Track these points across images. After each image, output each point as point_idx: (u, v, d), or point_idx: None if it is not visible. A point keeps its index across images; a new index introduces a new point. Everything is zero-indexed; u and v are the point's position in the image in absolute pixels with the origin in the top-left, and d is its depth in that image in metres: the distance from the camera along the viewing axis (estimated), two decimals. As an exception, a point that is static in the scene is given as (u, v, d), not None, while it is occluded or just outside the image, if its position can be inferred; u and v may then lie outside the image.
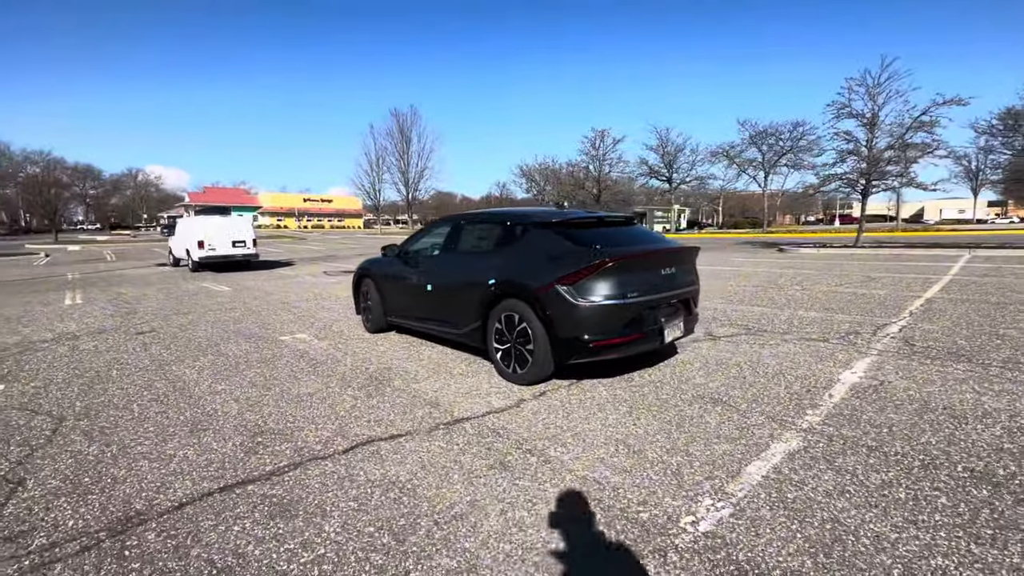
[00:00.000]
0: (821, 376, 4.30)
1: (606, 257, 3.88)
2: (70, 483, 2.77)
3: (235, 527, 2.31)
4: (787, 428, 3.26)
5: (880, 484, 2.55)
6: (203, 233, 16.83)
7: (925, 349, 5.01)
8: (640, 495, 2.51)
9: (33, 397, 4.25)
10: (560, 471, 2.78)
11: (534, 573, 1.97)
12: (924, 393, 3.82)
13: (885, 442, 3.02)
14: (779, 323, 6.49)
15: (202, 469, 2.89)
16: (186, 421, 3.64)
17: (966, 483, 2.54)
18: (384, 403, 3.93)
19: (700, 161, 44.49)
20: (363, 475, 2.78)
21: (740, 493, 2.50)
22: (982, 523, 2.21)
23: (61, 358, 5.52)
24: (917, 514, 2.29)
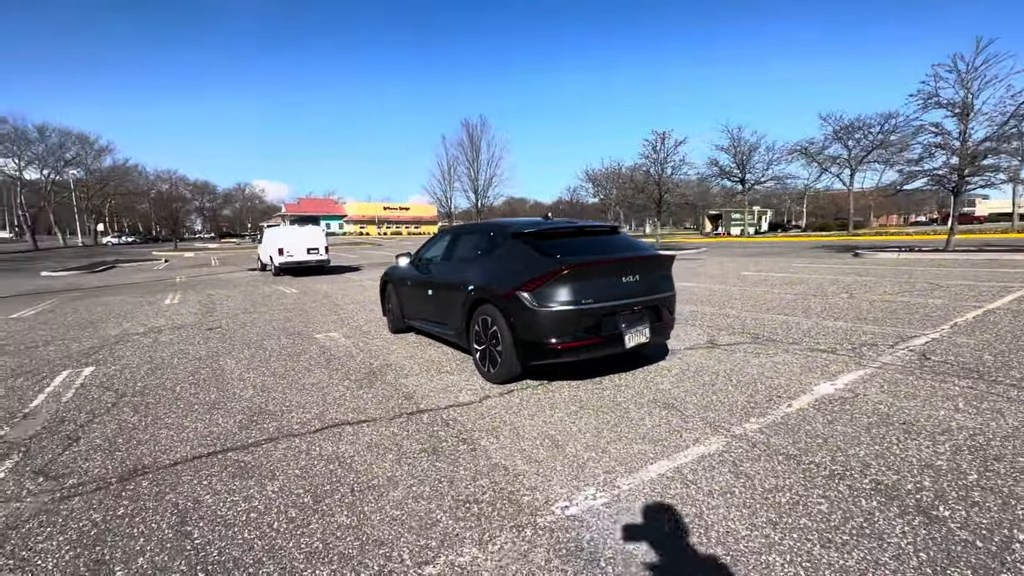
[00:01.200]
0: (794, 387, 4.22)
1: (562, 265, 4.13)
2: (108, 442, 3.57)
3: (204, 482, 2.92)
4: (718, 433, 3.34)
5: (769, 489, 2.62)
6: (282, 241, 18.82)
7: (937, 364, 4.67)
8: (534, 482, 2.79)
9: (110, 377, 5.30)
10: (479, 458, 3.12)
11: (403, 532, 2.35)
12: (894, 408, 3.66)
13: (808, 452, 3.03)
14: (795, 333, 6.25)
15: (202, 439, 3.58)
16: (208, 401, 4.41)
17: (860, 494, 2.54)
18: (368, 394, 4.47)
19: (776, 160, 41.53)
20: (318, 450, 3.30)
21: (626, 487, 2.70)
22: (844, 530, 2.25)
23: (142, 348, 6.71)
24: (783, 516, 2.37)
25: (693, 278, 12.88)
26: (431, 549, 2.22)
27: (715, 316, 7.57)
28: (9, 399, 4.64)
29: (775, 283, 11.15)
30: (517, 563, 2.11)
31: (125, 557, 2.24)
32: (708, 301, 9.05)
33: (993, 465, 2.77)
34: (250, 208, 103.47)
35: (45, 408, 4.36)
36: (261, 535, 2.37)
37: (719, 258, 20.25)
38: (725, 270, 14.78)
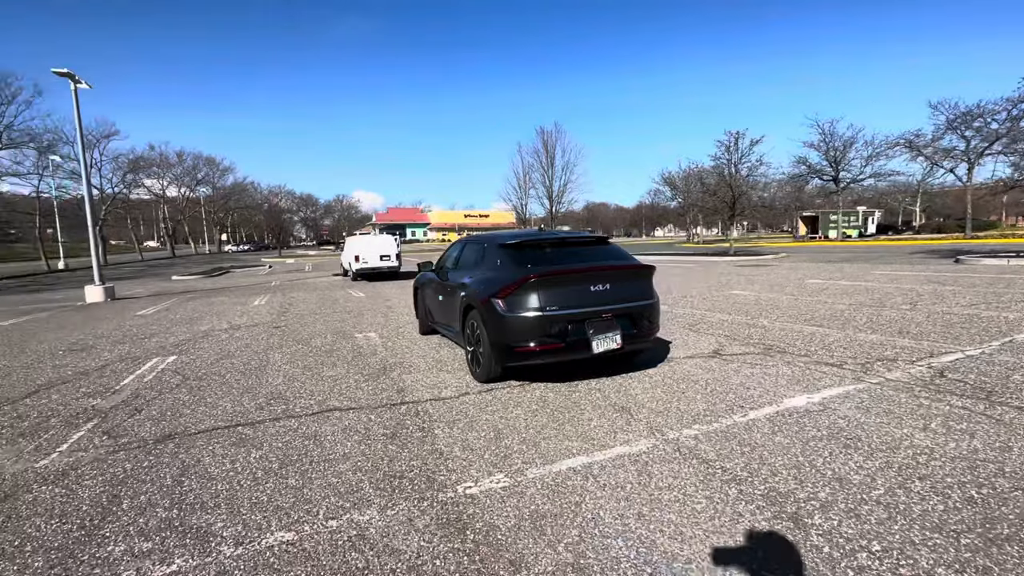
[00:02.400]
0: (765, 398, 4.18)
1: (529, 275, 4.47)
2: (159, 414, 4.51)
3: (209, 448, 3.67)
4: (651, 437, 3.50)
5: (661, 487, 2.79)
6: (358, 249, 20.66)
7: (949, 382, 4.34)
8: (457, 465, 3.19)
9: (184, 365, 6.46)
10: (425, 443, 3.57)
11: (330, 495, 2.86)
12: (852, 423, 3.55)
13: (725, 458, 3.11)
14: (814, 345, 5.97)
15: (226, 415, 4.39)
16: (244, 386, 5.30)
17: (744, 497, 2.63)
18: (369, 386, 5.10)
19: (877, 155, 37.22)
20: (303, 430, 3.95)
21: (531, 475, 3.00)
22: (703, 525, 2.40)
23: (219, 342, 7.99)
24: (654, 511, 2.55)
25: (747, 286, 12.30)
26: (343, 509, 2.71)
27: (740, 326, 7.35)
28: (109, 379, 5.88)
29: (836, 292, 10.37)
30: (402, 525, 2.53)
31: (132, 494, 2.98)
32: (744, 311, 8.73)
33: (912, 483, 2.70)
34: (347, 218, 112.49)
35: (130, 386, 5.51)
36: (228, 487, 3.01)
37: (793, 264, 18.88)
38: (788, 278, 13.87)
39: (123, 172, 48.71)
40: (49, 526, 2.67)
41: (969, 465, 2.87)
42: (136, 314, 12.19)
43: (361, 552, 2.31)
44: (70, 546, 2.47)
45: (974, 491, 2.59)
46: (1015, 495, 2.54)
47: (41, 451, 3.73)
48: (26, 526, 2.68)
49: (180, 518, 2.69)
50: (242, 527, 2.57)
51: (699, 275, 16.12)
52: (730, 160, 24.26)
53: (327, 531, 2.50)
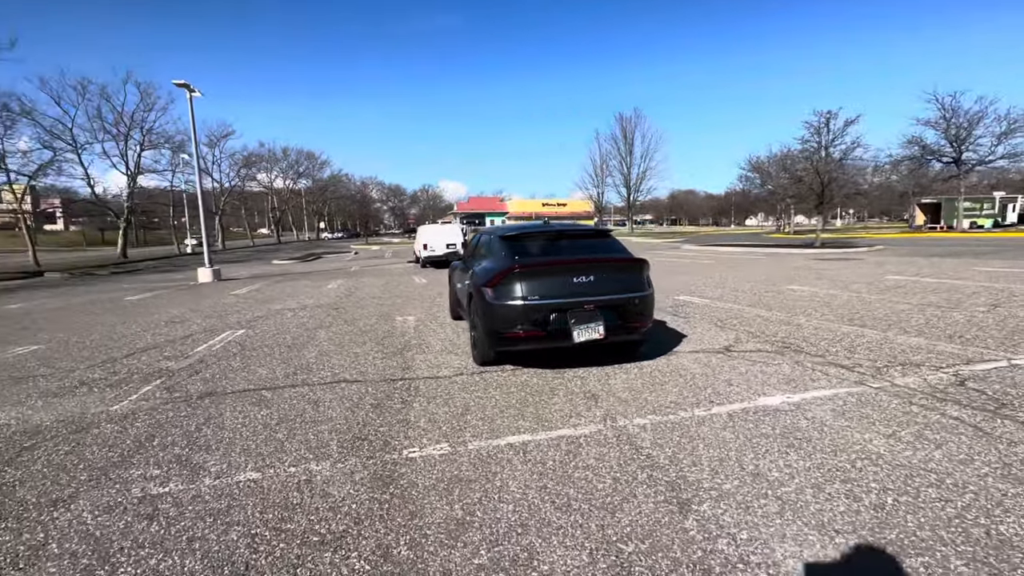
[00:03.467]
0: (740, 395, 4.13)
1: (515, 265, 4.73)
2: (210, 376, 5.41)
3: (233, 405, 4.41)
4: (602, 423, 3.66)
5: (579, 467, 2.99)
6: (427, 238, 21.86)
7: (965, 391, 3.99)
8: (414, 434, 3.60)
9: (248, 338, 7.53)
10: (400, 414, 4.02)
11: (301, 448, 3.41)
12: (813, 426, 3.45)
13: (658, 446, 3.21)
14: (838, 345, 5.62)
15: (258, 380, 5.18)
16: (284, 358, 6.13)
17: (639, 482, 2.77)
18: (382, 363, 5.68)
19: (1014, 130, 31.42)
20: (310, 395, 4.58)
21: (471, 447, 3.33)
22: (594, 502, 2.60)
23: (283, 319, 9.11)
24: (559, 486, 2.78)
25: (811, 282, 11.45)
26: (305, 460, 3.24)
27: (772, 323, 7.02)
28: (187, 346, 7.05)
29: (911, 290, 9.38)
30: (344, 476, 2.99)
31: (163, 435, 3.75)
32: (788, 307, 8.25)
33: (830, 486, 2.67)
34: (432, 207, 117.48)
35: (200, 353, 6.59)
36: (231, 436, 3.68)
37: (882, 259, 17.01)
38: (865, 273, 12.63)
39: (238, 167, 54.98)
40: (99, 452, 3.48)
41: (908, 474, 2.75)
42: (231, 293, 14.05)
43: (301, 493, 2.81)
44: (106, 467, 3.24)
45: (891, 498, 2.52)
46: (936, 505, 2.44)
47: (117, 399, 4.72)
48: (85, 451, 3.52)
49: (187, 455, 3.38)
50: (226, 466, 3.19)
51: (764, 268, 15.13)
52: (820, 143, 22.14)
53: (285, 475, 3.03)
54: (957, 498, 2.50)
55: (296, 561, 2.21)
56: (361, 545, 2.30)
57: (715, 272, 14.62)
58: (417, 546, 2.28)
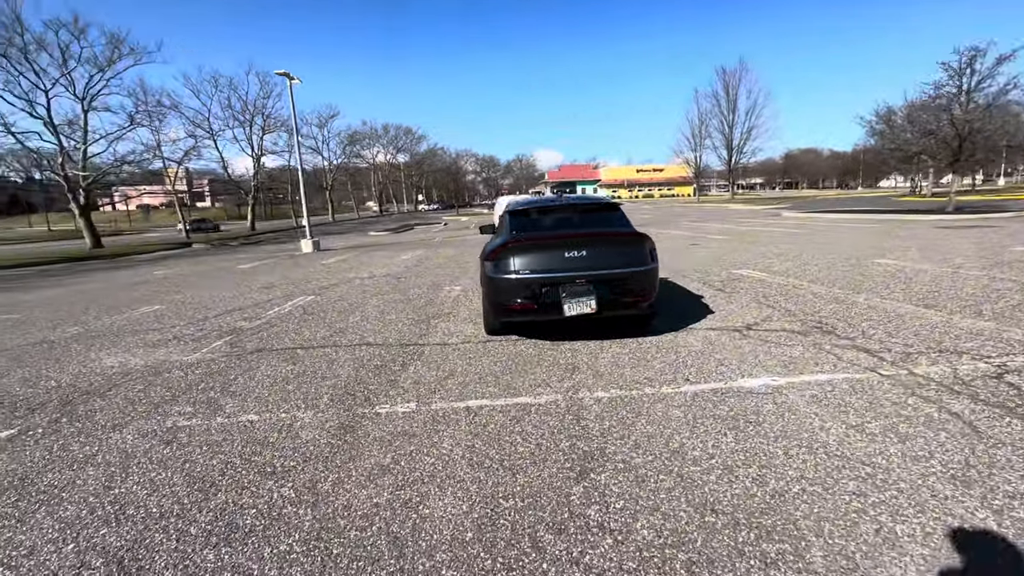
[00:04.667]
0: (725, 375, 4.00)
1: (509, 240, 4.90)
2: (267, 336, 6.35)
3: (273, 361, 5.20)
4: (562, 393, 3.81)
5: (516, 432, 3.22)
6: (501, 208, 22.31)
7: (987, 385, 3.52)
8: (397, 393, 4.04)
9: (312, 303, 8.55)
10: (393, 375, 4.48)
11: (297, 397, 4.01)
12: (780, 410, 3.30)
13: (598, 418, 3.31)
14: (878, 328, 5.09)
15: (300, 340, 5.99)
16: (330, 322, 6.94)
17: (558, 452, 2.91)
18: (408, 329, 6.22)
19: None
20: (332, 356, 5.24)
21: (435, 407, 3.69)
22: (505, 465, 2.83)
23: (350, 288, 10.14)
24: (485, 445, 3.04)
25: (909, 254, 10.03)
26: (296, 408, 3.82)
27: (820, 300, 6.45)
28: (263, 309, 8.22)
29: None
30: (318, 423, 3.52)
31: (208, 382, 4.59)
32: (855, 284, 7.43)
33: (743, 469, 2.62)
34: (525, 176, 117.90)
35: (270, 316, 7.67)
36: (255, 385, 4.41)
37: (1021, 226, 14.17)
38: (989, 244, 10.73)
39: (343, 145, 59.62)
40: (160, 392, 4.40)
41: (838, 466, 2.60)
42: (320, 263, 15.72)
43: (278, 434, 3.38)
44: (160, 404, 4.10)
45: (798, 487, 2.43)
46: (843, 498, 2.32)
47: (194, 351, 5.77)
48: (151, 390, 4.46)
49: (216, 398, 4.15)
50: (238, 408, 3.89)
51: (861, 238, 13.41)
52: (960, 88, 18.57)
53: (275, 419, 3.64)
54: (873, 493, 2.34)
55: (246, 484, 2.75)
56: (297, 478, 2.79)
57: (799, 243, 13.30)
58: (338, 483, 2.71)
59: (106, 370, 5.14)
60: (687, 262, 10.92)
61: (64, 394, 4.46)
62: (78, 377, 4.94)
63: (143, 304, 9.40)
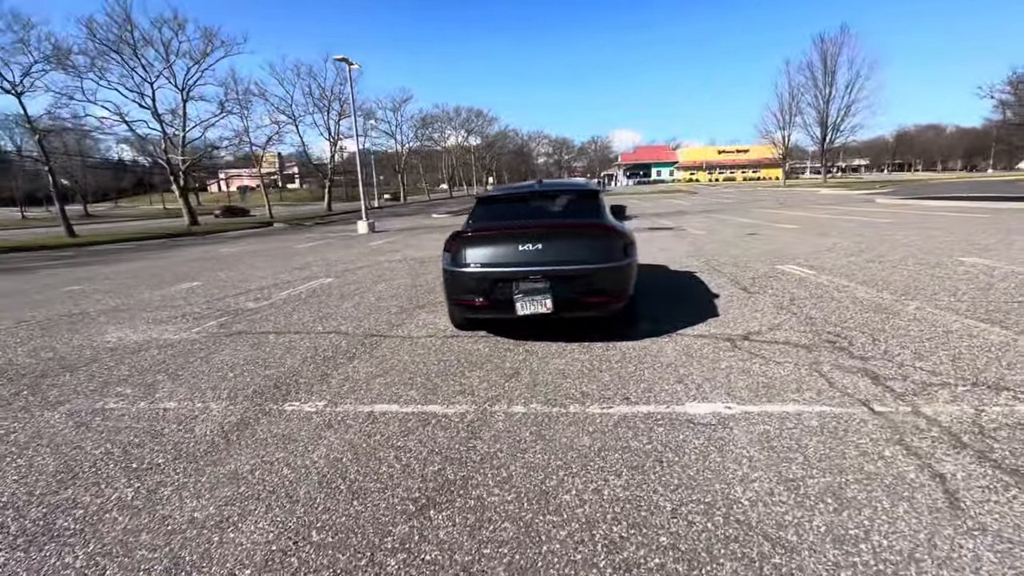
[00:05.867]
0: (668, 397, 3.41)
1: (466, 231, 4.51)
2: (260, 316, 6.49)
3: (240, 345, 5.27)
4: (479, 405, 3.43)
5: (398, 435, 2.91)
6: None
7: (1014, 436, 2.66)
8: (318, 389, 3.87)
9: (324, 286, 8.71)
10: (331, 368, 4.32)
11: (248, 379, 3.97)
12: (706, 448, 2.70)
13: (496, 436, 2.91)
14: (911, 347, 4.15)
15: (282, 325, 6.04)
16: (324, 306, 6.98)
17: (432, 460, 2.56)
18: (386, 319, 6.07)
19: None
20: (296, 342, 5.19)
21: (341, 408, 3.47)
22: (355, 484, 2.54)
23: (368, 272, 10.24)
24: (366, 448, 2.77)
25: (1008, 253, 8.30)
26: (218, 398, 3.77)
27: (858, 307, 5.45)
28: (278, 291, 8.50)
29: None
30: (221, 416, 3.43)
31: (171, 362, 4.72)
32: (916, 287, 6.24)
33: (600, 523, 2.12)
34: (600, 158, 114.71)
35: (279, 297, 7.90)
36: (206, 368, 4.45)
37: None
38: None
39: (415, 128, 61.17)
40: (125, 370, 4.58)
41: (733, 536, 2.02)
42: (368, 244, 16.18)
43: (178, 424, 3.33)
44: (115, 382, 4.26)
45: (655, 561, 1.91)
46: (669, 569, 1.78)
47: (186, 330, 6.03)
48: (121, 367, 4.65)
49: (159, 382, 4.23)
50: (167, 393, 3.92)
51: (959, 229, 11.33)
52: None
53: (188, 408, 3.60)
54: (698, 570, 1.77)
55: (102, 480, 2.70)
56: (148, 480, 2.68)
57: (877, 234, 11.54)
58: (179, 489, 2.57)
59: (100, 345, 5.49)
60: (730, 254, 9.85)
61: (48, 367, 4.79)
62: (74, 351, 5.31)
63: (186, 281, 10.13)
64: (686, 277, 7.85)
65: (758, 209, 23.41)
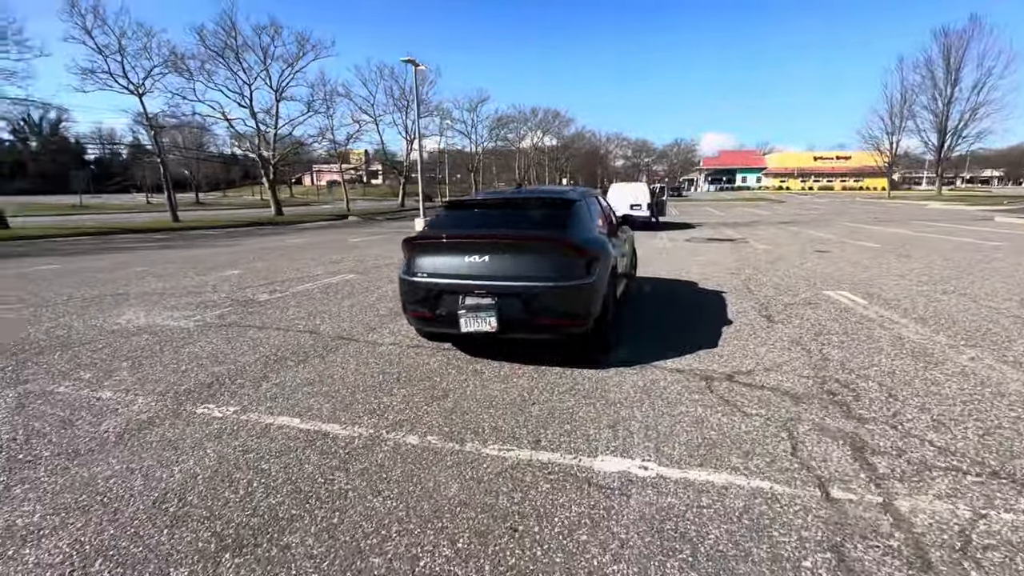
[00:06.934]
0: (579, 446, 2.92)
1: (417, 238, 4.24)
2: (260, 309, 6.68)
3: (217, 337, 5.41)
4: (373, 428, 3.15)
5: (264, 451, 2.71)
6: (611, 196, 20.91)
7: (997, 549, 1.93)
8: (245, 392, 3.80)
9: (343, 283, 8.85)
10: (275, 371, 4.25)
11: (168, 385, 4.02)
12: (568, 531, 2.22)
13: (352, 456, 2.61)
14: (942, 411, 3.32)
15: (271, 320, 6.14)
16: (324, 303, 7.04)
17: (260, 487, 2.32)
18: (364, 322, 5.97)
19: None
20: (270, 338, 5.22)
21: (247, 416, 3.35)
22: (186, 508, 2.37)
23: (388, 271, 10.31)
24: (243, 462, 2.61)
25: None
26: (152, 388, 3.82)
27: (895, 350, 4.55)
28: (296, 284, 8.76)
29: None
30: (135, 412, 3.44)
31: (154, 349, 4.92)
32: (978, 332, 5.10)
33: None
34: (681, 162, 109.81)
35: (292, 291, 8.12)
36: (172, 358, 4.57)
37: None
38: None
39: (490, 128, 62.02)
40: (99, 355, 4.82)
41: None
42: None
43: (97, 416, 3.38)
44: (81, 365, 4.49)
45: None
46: None
47: (191, 318, 6.32)
48: (98, 352, 4.93)
49: (118, 368, 4.39)
50: (117, 381, 4.03)
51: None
52: None
53: (117, 400, 3.67)
54: None
55: (8, 460, 2.76)
56: (42, 465, 2.71)
57: (971, 260, 9.78)
58: (53, 473, 2.59)
59: (108, 327, 5.88)
60: (779, 273, 8.79)
61: (50, 345, 5.18)
62: (86, 331, 5.72)
63: (232, 268, 10.79)
64: (710, 297, 7.06)
65: (844, 223, 21.00)
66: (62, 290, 8.29)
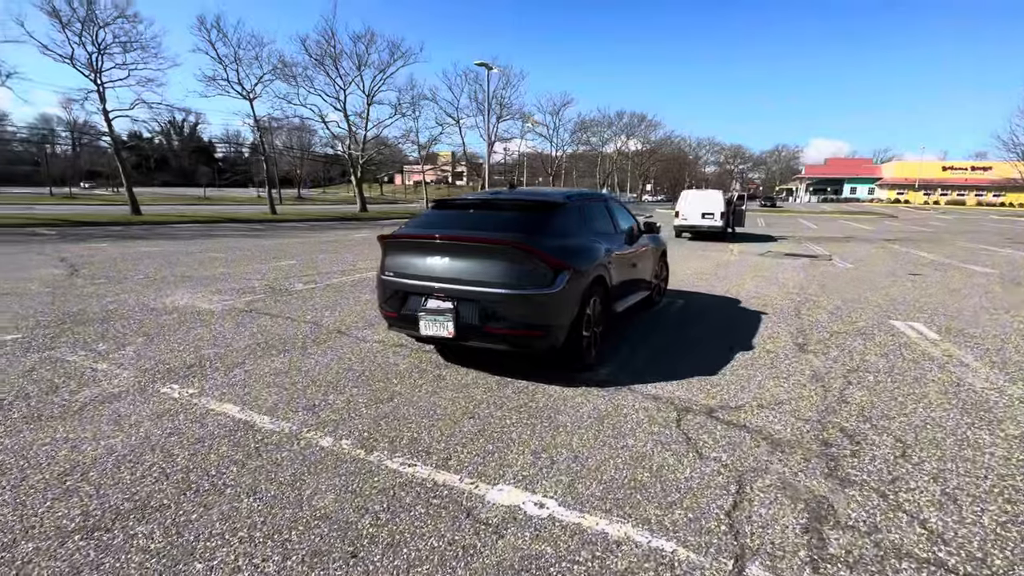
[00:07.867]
0: (496, 472, 2.65)
1: (389, 235, 4.18)
2: (285, 299, 7.04)
3: (232, 323, 5.75)
4: (290, 423, 3.11)
5: (193, 447, 2.78)
6: (681, 205, 19.77)
7: None
8: (213, 376, 3.96)
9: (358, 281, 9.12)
10: (255, 360, 4.40)
11: (161, 363, 4.31)
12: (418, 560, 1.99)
13: (232, 455, 2.57)
14: (960, 476, 2.65)
15: (289, 310, 6.44)
16: (343, 298, 7.28)
17: (140, 496, 2.35)
18: (370, 318, 6.06)
19: None
20: (271, 326, 5.47)
21: (203, 401, 3.48)
22: (82, 483, 2.46)
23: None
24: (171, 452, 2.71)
25: None
26: (145, 371, 4.11)
27: (932, 396, 3.74)
28: (333, 277, 9.16)
29: None
30: (134, 397, 3.72)
31: (172, 329, 5.35)
32: None
33: None
34: (780, 170, 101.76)
35: (325, 283, 8.50)
36: (165, 340, 4.93)
37: None
38: None
39: (572, 132, 61.49)
40: (121, 329, 5.31)
41: None
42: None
43: (74, 380, 3.69)
44: (100, 338, 4.96)
45: None
46: None
47: (221, 303, 6.82)
48: (125, 328, 5.44)
49: (160, 344, 4.79)
50: (152, 354, 4.40)
51: None
52: None
53: (89, 371, 3.99)
54: None
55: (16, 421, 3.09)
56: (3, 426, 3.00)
57: None
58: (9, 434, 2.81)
59: (152, 305, 6.49)
60: (845, 297, 7.74)
61: (96, 316, 5.80)
62: (132, 307, 6.35)
63: (289, 259, 11.57)
64: (746, 317, 6.33)
65: (964, 243, 18.10)
66: (145, 270, 9.33)
